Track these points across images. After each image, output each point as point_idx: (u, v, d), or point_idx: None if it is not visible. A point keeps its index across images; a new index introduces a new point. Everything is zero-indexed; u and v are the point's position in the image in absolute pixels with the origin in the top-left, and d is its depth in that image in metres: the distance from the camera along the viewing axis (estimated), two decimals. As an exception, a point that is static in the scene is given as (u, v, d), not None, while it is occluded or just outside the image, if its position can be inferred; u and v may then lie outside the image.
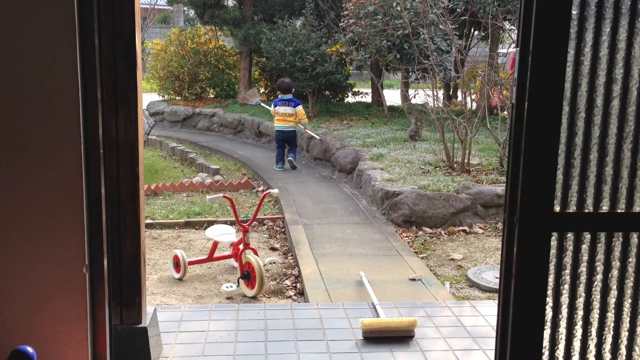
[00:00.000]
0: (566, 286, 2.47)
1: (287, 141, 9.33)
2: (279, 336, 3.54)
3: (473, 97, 8.75)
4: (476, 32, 11.83)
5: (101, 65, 2.45)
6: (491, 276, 4.86)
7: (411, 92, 10.39)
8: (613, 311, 2.50)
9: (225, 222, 6.18)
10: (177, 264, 5.01)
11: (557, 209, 2.41)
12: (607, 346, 2.52)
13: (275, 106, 9.42)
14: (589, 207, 2.43)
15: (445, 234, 6.06)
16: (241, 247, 4.84)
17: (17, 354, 2.37)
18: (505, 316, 2.50)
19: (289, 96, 9.37)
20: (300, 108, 9.31)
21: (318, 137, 9.58)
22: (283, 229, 6.47)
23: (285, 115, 9.24)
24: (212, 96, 15.31)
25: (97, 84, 2.40)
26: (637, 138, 2.38)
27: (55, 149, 2.37)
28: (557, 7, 2.27)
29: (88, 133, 2.40)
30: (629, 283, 2.49)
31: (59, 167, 2.38)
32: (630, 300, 2.50)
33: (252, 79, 15.11)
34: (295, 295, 4.75)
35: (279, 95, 9.57)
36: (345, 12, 10.63)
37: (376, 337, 3.49)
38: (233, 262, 5.26)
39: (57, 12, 2.30)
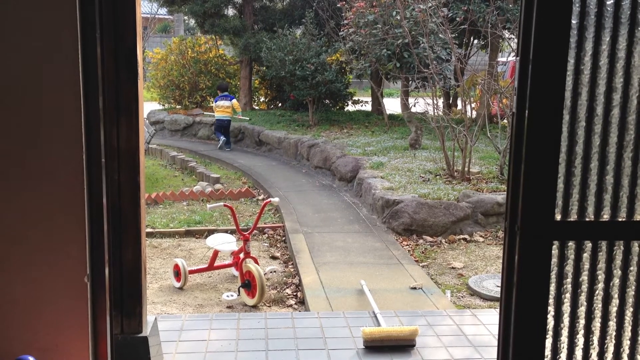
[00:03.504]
0: (568, 295, 2.47)
1: (224, 129, 12.13)
2: (280, 345, 3.53)
3: (473, 105, 8.77)
4: (476, 41, 11.88)
5: (103, 74, 2.46)
6: (492, 285, 4.86)
7: (411, 100, 10.41)
8: (615, 320, 2.50)
9: (226, 231, 6.18)
10: (177, 272, 5.01)
11: (558, 217, 2.41)
12: (609, 355, 2.52)
13: (217, 102, 12.20)
14: (590, 216, 2.43)
15: (445, 242, 6.06)
16: (242, 255, 4.84)
17: (18, 364, 2.37)
18: (507, 325, 2.50)
19: (226, 93, 12.36)
20: (235, 100, 12.40)
21: (247, 118, 12.78)
22: (283, 238, 6.47)
23: (224, 107, 12.04)
24: (213, 105, 15.36)
25: (99, 93, 2.41)
26: (638, 146, 2.39)
27: (57, 157, 2.37)
28: (557, 16, 2.28)
29: (90, 142, 2.41)
30: (630, 292, 2.49)
31: (60, 175, 2.38)
32: (631, 309, 2.50)
33: (252, 87, 15.16)
34: (296, 304, 4.74)
35: (219, 94, 12.36)
36: (345, 21, 10.67)
37: (377, 346, 3.48)
38: (234, 270, 5.25)
39: (59, 22, 2.31)
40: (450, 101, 12.91)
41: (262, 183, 8.85)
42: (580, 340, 2.50)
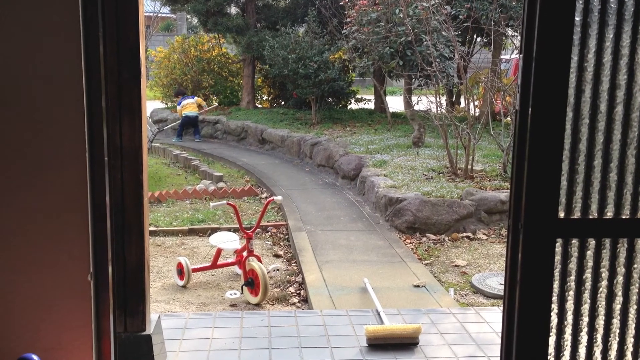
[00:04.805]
0: (571, 292, 2.47)
1: (192, 124, 13.22)
2: (283, 343, 3.53)
3: (476, 103, 8.76)
4: (479, 39, 11.85)
5: (106, 73, 2.46)
6: (495, 282, 4.85)
7: (414, 98, 10.40)
8: (618, 317, 2.50)
9: (229, 229, 6.18)
10: (180, 271, 5.01)
11: (562, 215, 2.40)
12: (613, 352, 2.52)
13: (181, 103, 13.30)
14: (594, 213, 2.42)
15: (449, 240, 6.05)
16: (245, 254, 4.84)
17: (22, 362, 2.38)
18: (510, 323, 2.50)
19: (186, 95, 13.73)
20: (197, 98, 13.78)
21: (216, 104, 14.80)
22: (287, 236, 6.47)
23: (190, 104, 13.18)
24: (216, 103, 15.37)
25: (101, 92, 2.41)
26: (641, 144, 2.38)
27: (60, 156, 2.38)
28: (560, 13, 2.27)
29: (93, 141, 2.41)
30: (634, 289, 2.48)
31: (63, 174, 2.39)
32: (635, 307, 2.49)
33: (255, 86, 15.15)
34: (299, 302, 4.74)
35: (179, 98, 13.60)
36: (348, 19, 10.65)
37: (380, 344, 3.48)
38: (237, 269, 5.25)
39: (62, 21, 2.31)
40: (453, 99, 12.89)
41: (265, 181, 8.85)
42: (583, 337, 2.50)
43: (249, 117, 13.17)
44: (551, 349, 2.49)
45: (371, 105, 14.33)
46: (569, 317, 2.48)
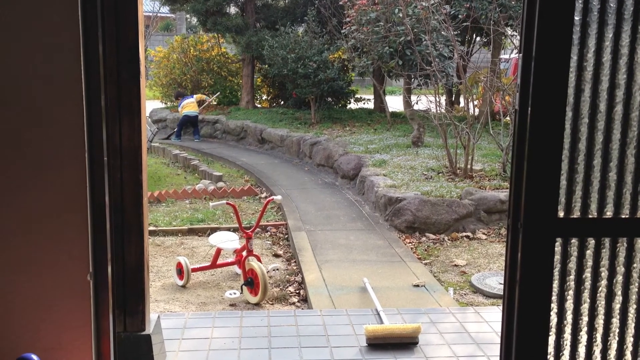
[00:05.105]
0: (571, 292, 2.47)
1: (192, 123, 13.25)
2: (283, 343, 3.53)
3: (475, 102, 8.76)
4: (478, 38, 11.86)
5: (105, 73, 2.46)
6: (495, 282, 4.85)
7: (413, 98, 10.40)
8: (618, 317, 2.50)
9: (229, 229, 6.18)
10: (180, 271, 5.01)
11: (561, 214, 2.41)
12: (612, 352, 2.52)
13: (182, 103, 13.32)
14: (593, 213, 2.42)
15: (448, 240, 6.05)
16: (244, 253, 4.84)
17: (22, 362, 2.38)
18: (510, 322, 2.50)
19: (185, 95, 13.86)
20: (196, 95, 13.98)
21: (210, 99, 14.55)
22: (286, 236, 6.47)
23: (190, 103, 13.22)
24: (215, 103, 15.37)
25: (101, 92, 2.41)
26: (641, 143, 2.38)
27: (60, 156, 2.38)
28: (560, 13, 2.27)
29: (92, 140, 2.41)
30: (634, 288, 2.48)
31: (63, 174, 2.39)
32: (635, 306, 2.49)
33: (255, 85, 15.15)
34: (298, 301, 4.74)
35: (179, 100, 13.70)
36: (347, 19, 10.65)
37: (380, 344, 3.49)
38: (236, 269, 5.26)
39: (62, 21, 2.31)
40: (453, 99, 12.89)
41: (265, 181, 8.85)
42: (583, 337, 2.50)
43: (249, 116, 13.17)
44: (551, 349, 2.49)
45: (370, 105, 14.33)
46: (569, 317, 2.48)
